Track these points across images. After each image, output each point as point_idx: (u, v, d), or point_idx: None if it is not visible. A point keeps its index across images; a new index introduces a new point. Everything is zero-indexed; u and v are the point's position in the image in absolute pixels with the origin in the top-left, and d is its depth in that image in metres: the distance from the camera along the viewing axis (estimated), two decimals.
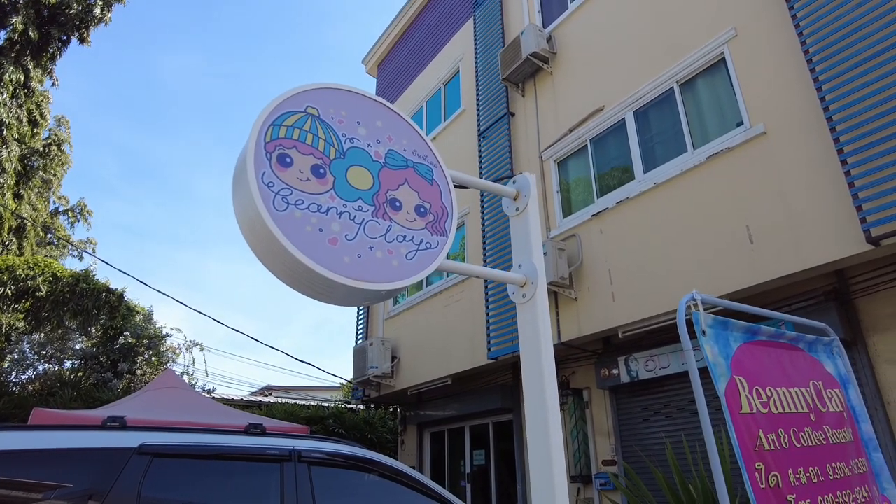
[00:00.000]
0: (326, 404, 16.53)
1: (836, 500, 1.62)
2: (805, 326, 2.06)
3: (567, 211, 8.46)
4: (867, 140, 5.20)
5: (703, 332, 1.52)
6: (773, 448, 1.52)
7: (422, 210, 1.21)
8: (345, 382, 17.66)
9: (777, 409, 1.63)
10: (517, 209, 1.65)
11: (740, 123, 6.45)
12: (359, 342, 12.83)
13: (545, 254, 7.62)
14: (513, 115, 9.85)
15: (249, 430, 4.08)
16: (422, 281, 11.59)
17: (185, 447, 3.46)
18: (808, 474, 1.58)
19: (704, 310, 1.52)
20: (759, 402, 1.57)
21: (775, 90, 6.13)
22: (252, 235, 1.14)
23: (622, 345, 7.55)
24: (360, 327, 13.08)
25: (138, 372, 15.28)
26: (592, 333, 7.52)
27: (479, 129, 10.41)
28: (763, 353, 1.71)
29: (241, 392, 22.50)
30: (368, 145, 1.18)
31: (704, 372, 1.67)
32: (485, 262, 9.38)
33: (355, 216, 1.08)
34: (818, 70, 5.68)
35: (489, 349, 8.82)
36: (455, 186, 1.54)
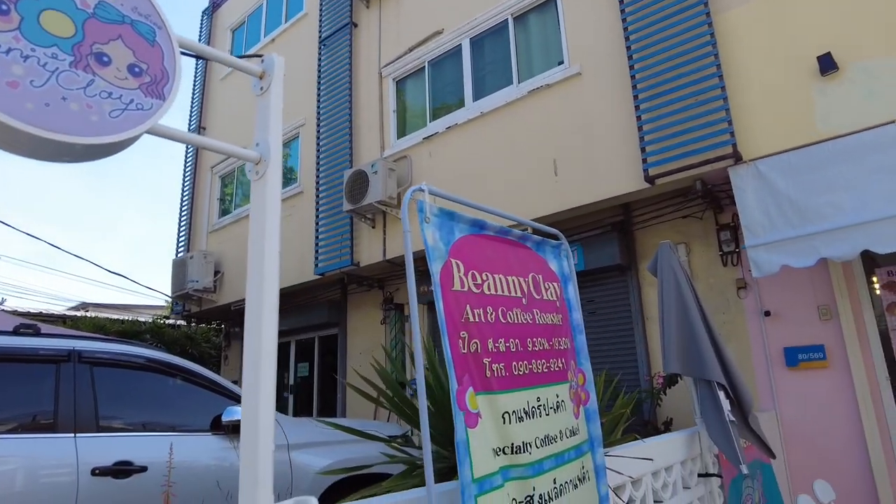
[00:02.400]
0: (144, 319, 15.54)
1: (531, 365, 1.93)
2: (541, 232, 2.35)
3: (401, 132, 8.53)
4: (658, 90, 5.86)
5: (427, 220, 1.68)
6: (478, 321, 1.76)
7: (136, 70, 1.15)
8: (169, 299, 16.66)
9: (490, 290, 1.87)
10: (262, 88, 1.64)
11: (561, 62, 6.88)
12: (179, 255, 12.08)
13: (375, 172, 7.67)
14: (356, 25, 9.50)
15: (19, 331, 3.74)
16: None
17: None
18: (507, 344, 1.86)
19: (434, 202, 1.67)
20: (473, 283, 1.79)
21: (594, 35, 6.59)
22: None
23: None
24: (181, 240, 12.30)
25: None
26: (415, 252, 7.82)
27: (320, 37, 9.92)
28: (486, 245, 1.94)
29: (55, 308, 20.24)
30: None
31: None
32: (318, 174, 9.21)
33: (47, 63, 1.01)
34: (628, 21, 6.19)
35: (317, 265, 8.83)
36: (187, 55, 1.48)
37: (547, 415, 1.97)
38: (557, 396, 2.07)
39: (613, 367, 6.64)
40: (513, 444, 1.79)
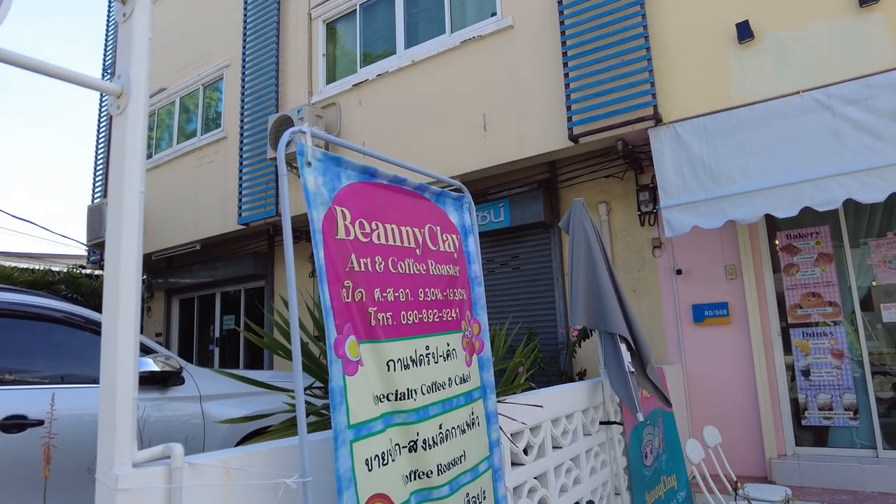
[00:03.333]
0: (57, 269, 14.69)
1: (421, 315, 1.94)
2: (443, 183, 2.32)
3: (331, 77, 8.23)
4: (586, 48, 5.87)
5: (309, 164, 1.61)
6: (364, 270, 1.73)
7: None
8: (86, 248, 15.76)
9: (380, 240, 1.84)
10: (125, 14, 1.51)
11: (494, 14, 6.76)
12: (95, 200, 11.40)
13: (301, 118, 7.40)
14: None
15: None
16: (173, 137, 10.51)
17: None
18: (396, 294, 1.85)
19: (317, 145, 1.60)
20: (361, 232, 1.75)
21: None
22: None
23: None
24: (97, 184, 11.58)
25: None
26: None
27: None
28: (378, 193, 1.90)
29: None
30: None
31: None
32: (242, 119, 8.81)
33: None
34: None
35: (240, 214, 8.54)
36: None
37: (436, 363, 2.00)
38: (448, 345, 2.09)
39: (534, 320, 6.84)
40: (397, 390, 1.80)
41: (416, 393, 1.87)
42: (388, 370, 1.79)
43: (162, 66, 10.40)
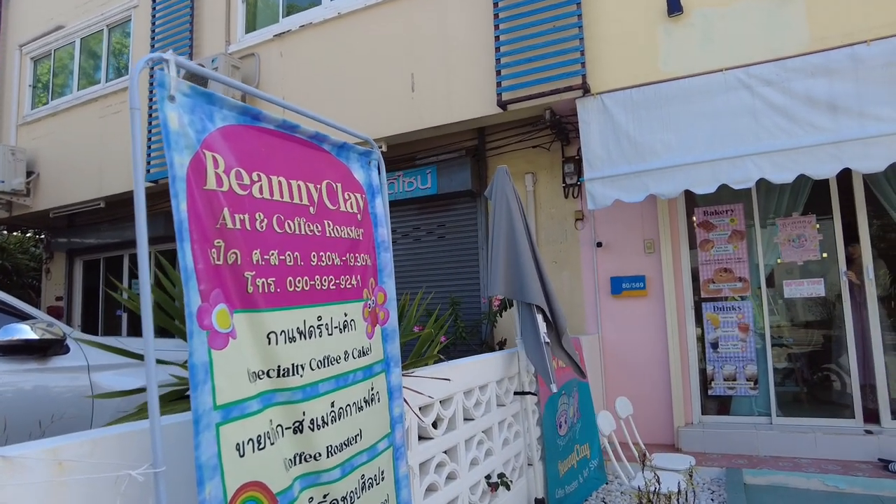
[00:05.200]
0: None
1: (313, 281, 1.72)
2: (349, 135, 2.09)
3: (251, 26, 7.65)
4: (518, 11, 5.68)
5: (171, 98, 1.35)
6: (241, 228, 1.50)
7: None
8: None
9: (263, 194, 1.60)
10: None
11: None
12: None
13: (216, 69, 6.84)
14: None
15: None
16: (74, 83, 9.55)
17: None
18: (283, 257, 1.63)
19: (185, 78, 1.34)
20: (238, 184, 1.52)
21: None
22: None
23: None
24: None
25: None
26: None
27: None
28: (262, 140, 1.66)
29: None
30: None
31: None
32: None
33: None
34: None
35: (149, 171, 7.89)
36: None
37: (329, 334, 1.80)
38: (346, 315, 1.90)
39: (458, 290, 6.75)
40: (280, 366, 1.60)
41: (302, 368, 1.67)
42: (270, 343, 1.58)
43: (59, 1, 9.37)
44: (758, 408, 5.60)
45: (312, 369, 1.71)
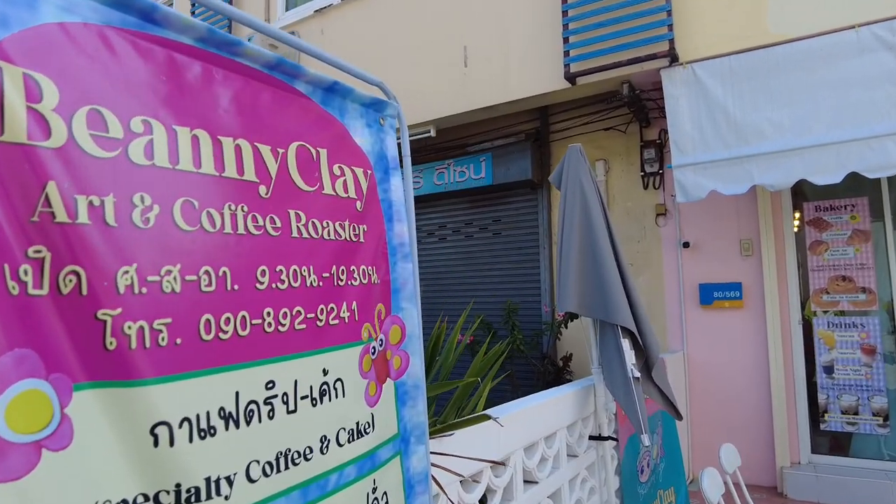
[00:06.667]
0: None
1: (258, 320, 0.97)
2: (350, 72, 1.31)
3: (291, 3, 7.04)
4: None
5: None
6: (91, 223, 0.74)
7: None
8: None
9: (155, 160, 0.84)
10: None
11: None
12: None
13: None
14: None
15: None
16: None
17: None
18: (190, 277, 0.90)
19: None
20: (93, 136, 0.76)
21: None
22: None
23: None
24: None
25: None
26: None
27: None
28: (158, 61, 0.89)
29: None
30: None
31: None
32: None
33: None
34: None
35: None
36: None
37: (291, 411, 1.04)
38: (326, 373, 1.13)
39: (516, 294, 5.92)
40: (179, 485, 0.84)
41: (230, 483, 0.90)
42: (157, 444, 0.81)
43: None
44: (889, 451, 4.50)
45: (252, 481, 0.94)
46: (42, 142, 0.74)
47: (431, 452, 1.54)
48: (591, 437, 2.99)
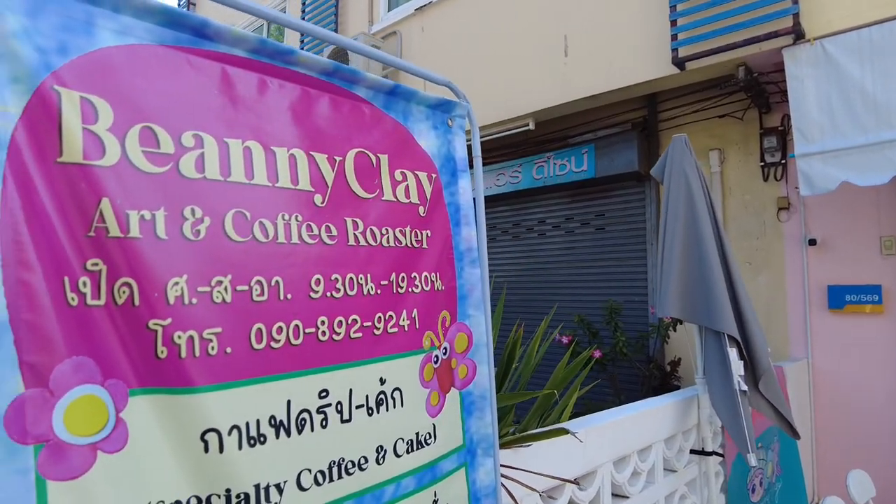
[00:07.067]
0: None
1: (311, 329, 0.97)
2: (416, 74, 1.29)
3: (394, 2, 7.19)
4: None
5: None
6: (142, 237, 0.77)
7: None
8: None
9: (205, 172, 0.86)
10: None
11: None
12: None
13: None
14: None
15: None
16: None
17: None
18: (242, 288, 0.90)
19: None
20: (144, 152, 0.79)
21: None
22: None
23: None
24: None
25: None
26: None
27: None
28: (211, 75, 0.91)
29: None
30: None
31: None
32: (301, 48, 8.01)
33: None
34: None
35: None
36: None
37: (345, 421, 1.03)
38: (383, 382, 1.11)
39: (618, 293, 5.66)
40: (229, 490, 0.86)
41: (280, 491, 0.91)
42: (207, 450, 0.84)
43: None
44: None
45: (303, 489, 0.95)
46: (97, 161, 0.78)
47: (506, 465, 1.48)
48: (692, 451, 2.78)
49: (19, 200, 0.72)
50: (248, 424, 0.89)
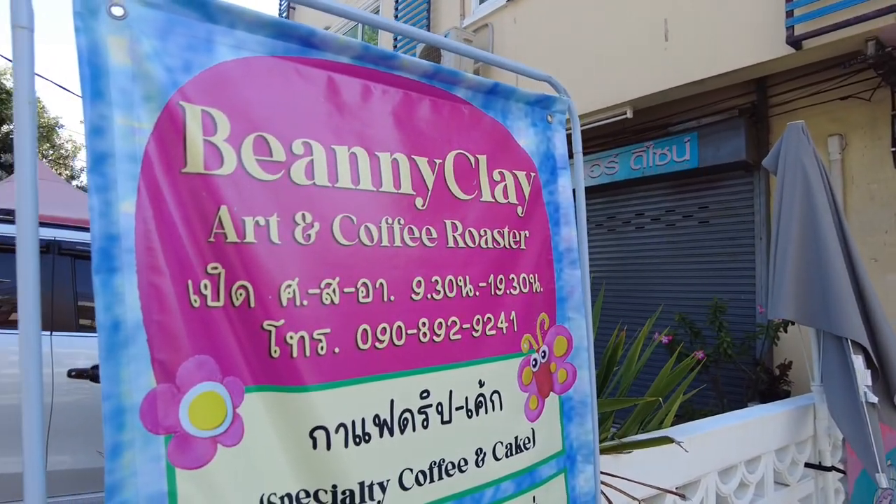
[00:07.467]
0: None
1: (413, 330, 0.98)
2: (514, 70, 1.27)
3: None
4: None
5: (119, 11, 0.72)
6: (257, 242, 0.81)
7: None
8: None
9: (315, 179, 0.89)
10: None
11: None
12: None
13: None
14: None
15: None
16: None
17: None
18: (348, 290, 0.91)
19: None
20: (259, 161, 0.83)
21: None
22: None
23: None
24: None
25: None
26: None
27: None
28: (317, 83, 0.94)
29: None
30: None
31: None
32: (395, 48, 8.17)
33: None
34: None
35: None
36: None
37: (445, 422, 1.04)
38: (482, 384, 1.11)
39: (723, 290, 5.34)
40: (335, 486, 0.89)
41: (383, 490, 0.93)
42: (316, 447, 0.88)
43: None
44: None
45: (405, 489, 0.97)
46: (216, 170, 0.83)
47: (605, 473, 1.44)
48: (807, 465, 2.57)
49: (151, 210, 0.78)
50: (353, 423, 0.92)
